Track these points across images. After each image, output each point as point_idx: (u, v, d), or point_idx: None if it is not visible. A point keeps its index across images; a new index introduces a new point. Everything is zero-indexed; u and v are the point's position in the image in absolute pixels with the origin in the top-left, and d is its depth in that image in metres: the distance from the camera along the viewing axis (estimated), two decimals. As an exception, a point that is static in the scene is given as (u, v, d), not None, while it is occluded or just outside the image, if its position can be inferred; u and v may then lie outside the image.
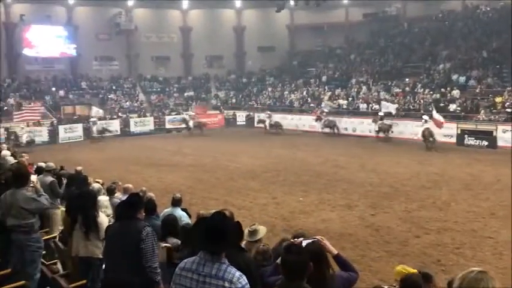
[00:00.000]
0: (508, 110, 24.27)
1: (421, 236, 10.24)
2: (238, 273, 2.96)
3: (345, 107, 32.20)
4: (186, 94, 40.81)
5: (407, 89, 31.05)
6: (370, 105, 30.71)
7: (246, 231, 4.89)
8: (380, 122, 27.44)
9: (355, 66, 37.55)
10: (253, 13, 43.50)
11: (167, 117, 36.02)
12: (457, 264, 8.46)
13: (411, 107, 28.81)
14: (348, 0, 40.94)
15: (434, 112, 24.58)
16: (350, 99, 32.85)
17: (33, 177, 6.60)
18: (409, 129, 26.34)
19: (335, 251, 3.31)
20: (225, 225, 3.08)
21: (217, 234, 2.99)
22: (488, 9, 35.65)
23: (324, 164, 19.70)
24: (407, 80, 32.03)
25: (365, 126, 29.01)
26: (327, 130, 30.23)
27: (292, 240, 3.03)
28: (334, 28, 41.42)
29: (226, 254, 3.05)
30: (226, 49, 43.00)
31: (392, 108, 28.51)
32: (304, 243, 2.90)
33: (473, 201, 13.07)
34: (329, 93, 34.96)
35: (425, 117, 24.18)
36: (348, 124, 30.11)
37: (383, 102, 29.34)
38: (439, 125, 23.99)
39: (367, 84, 33.86)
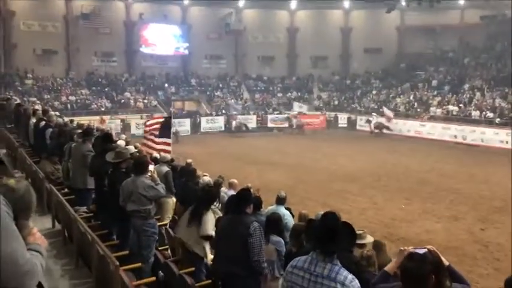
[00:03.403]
0: None
1: (537, 255, 9.48)
2: (350, 276, 2.93)
3: (454, 113, 30.51)
4: (288, 94, 41.20)
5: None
6: (484, 112, 28.79)
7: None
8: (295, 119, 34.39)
9: (468, 71, 35.41)
10: (362, 14, 42.57)
11: (269, 116, 36.72)
12: None
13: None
14: (464, 1, 38.62)
15: (385, 109, 32.36)
16: (461, 105, 31.06)
17: (151, 167, 7.04)
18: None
19: (446, 262, 3.21)
20: (337, 225, 3.05)
21: (330, 234, 2.97)
22: None
23: (430, 172, 18.88)
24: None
25: (477, 135, 27.29)
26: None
27: (403, 248, 2.96)
28: (448, 30, 39.18)
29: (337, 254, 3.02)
30: (331, 50, 42.56)
31: (304, 108, 36.53)
32: (419, 252, 2.82)
33: None
34: (438, 98, 33.35)
35: (374, 114, 32.84)
36: (457, 132, 28.49)
37: (295, 103, 37.58)
38: (389, 119, 31.32)
39: (482, 90, 31.79)
